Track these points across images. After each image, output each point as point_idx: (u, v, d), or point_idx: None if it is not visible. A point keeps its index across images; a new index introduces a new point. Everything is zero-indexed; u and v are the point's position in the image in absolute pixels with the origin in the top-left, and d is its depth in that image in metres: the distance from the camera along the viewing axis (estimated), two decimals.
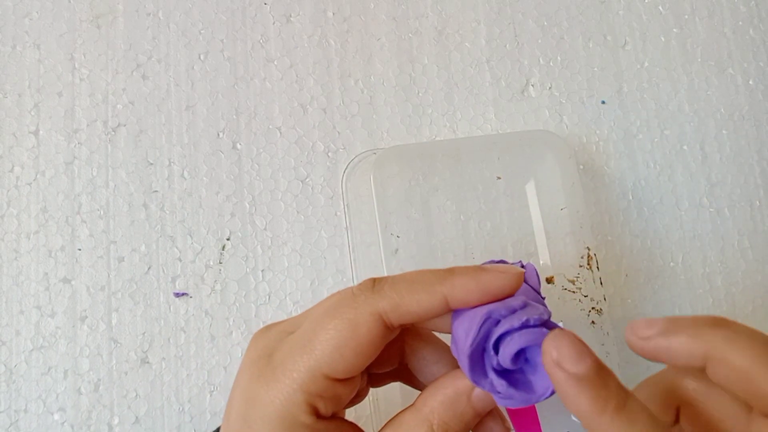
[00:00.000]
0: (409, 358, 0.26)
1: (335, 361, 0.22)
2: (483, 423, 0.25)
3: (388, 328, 0.23)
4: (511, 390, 0.22)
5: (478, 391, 0.23)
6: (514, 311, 0.22)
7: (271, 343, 0.24)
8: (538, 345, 0.21)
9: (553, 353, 0.20)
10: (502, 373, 0.22)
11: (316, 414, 0.22)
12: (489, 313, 0.22)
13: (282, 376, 0.22)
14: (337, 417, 0.24)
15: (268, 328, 0.26)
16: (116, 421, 0.37)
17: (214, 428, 0.37)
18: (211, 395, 0.37)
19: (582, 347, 0.20)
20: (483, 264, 0.30)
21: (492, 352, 0.22)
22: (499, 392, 0.22)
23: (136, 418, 0.37)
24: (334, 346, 0.22)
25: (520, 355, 0.22)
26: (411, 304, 0.22)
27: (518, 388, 0.22)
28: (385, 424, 0.24)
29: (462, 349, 0.22)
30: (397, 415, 0.24)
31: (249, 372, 0.23)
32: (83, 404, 0.37)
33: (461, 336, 0.22)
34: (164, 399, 0.37)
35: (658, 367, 0.25)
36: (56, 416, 0.37)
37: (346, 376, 0.23)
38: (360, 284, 0.23)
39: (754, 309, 0.41)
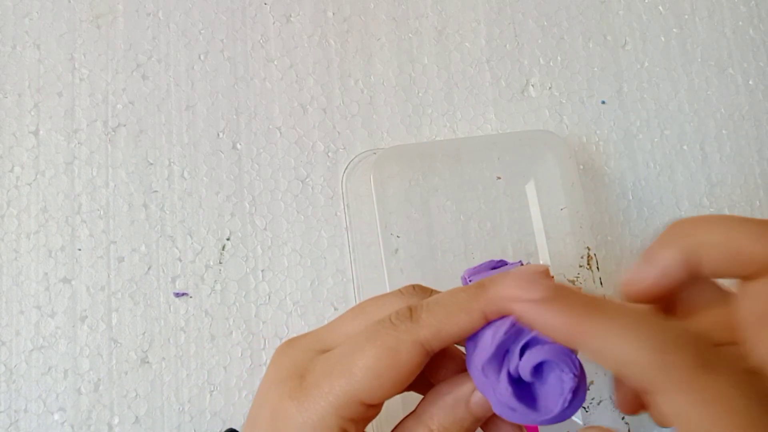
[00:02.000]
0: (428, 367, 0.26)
1: (374, 388, 0.22)
2: (497, 426, 0.25)
3: (428, 354, 0.22)
4: (515, 401, 0.21)
5: (477, 397, 0.23)
6: None
7: (301, 362, 0.24)
8: (558, 363, 0.21)
9: (511, 290, 0.21)
10: (514, 381, 0.22)
11: None
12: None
13: (317, 398, 0.22)
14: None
15: (291, 343, 0.25)
16: (116, 420, 0.37)
17: (218, 428, 0.37)
18: (211, 395, 0.37)
19: (536, 277, 0.21)
20: (482, 264, 0.30)
21: (516, 356, 0.21)
22: (503, 401, 0.22)
23: (136, 417, 0.37)
24: (375, 374, 0.22)
25: (538, 368, 0.21)
26: (452, 329, 0.22)
27: (524, 402, 0.22)
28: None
29: (483, 347, 0.22)
30: (399, 422, 0.24)
31: (279, 390, 0.23)
32: (83, 404, 0.37)
33: (487, 336, 0.22)
34: (164, 399, 0.37)
35: None
36: (56, 416, 0.37)
37: (381, 402, 0.23)
38: (397, 313, 0.23)
39: None
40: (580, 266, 0.38)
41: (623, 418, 0.36)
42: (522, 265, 0.30)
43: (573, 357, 0.21)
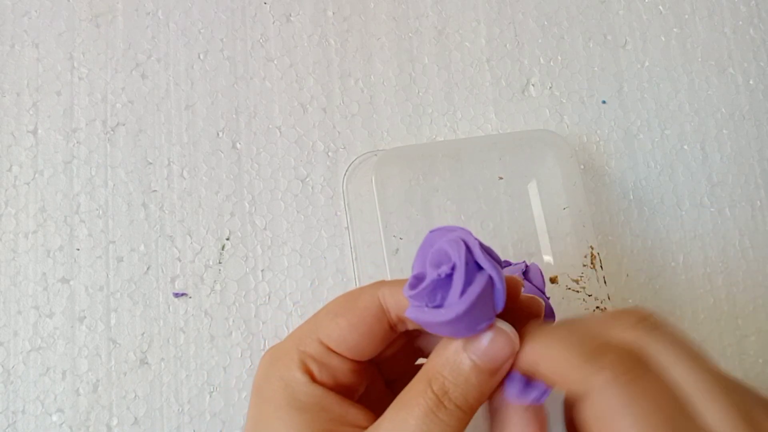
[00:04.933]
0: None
1: (331, 328, 0.23)
2: (504, 411, 0.23)
3: (387, 319, 0.23)
4: (409, 291, 0.21)
5: (474, 345, 0.22)
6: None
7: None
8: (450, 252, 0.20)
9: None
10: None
11: (311, 376, 0.23)
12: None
13: (285, 341, 0.24)
14: (341, 393, 0.24)
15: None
16: (115, 422, 0.36)
17: (218, 429, 0.37)
18: (210, 396, 0.37)
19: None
20: None
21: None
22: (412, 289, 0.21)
23: (135, 419, 0.36)
24: (333, 314, 0.23)
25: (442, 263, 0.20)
26: (405, 301, 0.23)
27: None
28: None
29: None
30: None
31: (263, 359, 0.25)
32: (82, 405, 0.36)
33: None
34: (163, 400, 0.37)
35: None
36: (54, 417, 0.36)
37: (341, 350, 0.23)
38: (383, 280, 0.25)
39: (755, 309, 0.41)
40: (584, 265, 0.38)
41: None
42: (526, 265, 0.30)
43: (462, 244, 0.20)
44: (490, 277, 0.20)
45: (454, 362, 0.22)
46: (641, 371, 0.19)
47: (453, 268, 0.20)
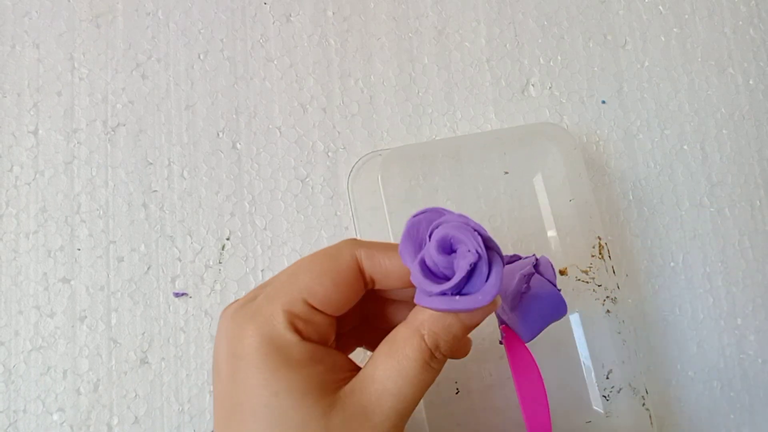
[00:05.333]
0: (377, 311, 0.29)
1: (315, 288, 0.24)
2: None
3: (360, 270, 0.25)
4: (422, 278, 0.22)
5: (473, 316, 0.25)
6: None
7: (249, 295, 0.26)
8: (462, 239, 0.21)
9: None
10: (430, 271, 0.23)
11: (300, 334, 0.24)
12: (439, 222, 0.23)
13: (264, 303, 0.24)
14: (325, 345, 0.25)
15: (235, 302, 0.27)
16: (115, 421, 0.37)
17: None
18: (210, 395, 0.37)
19: None
20: None
21: (427, 239, 0.23)
22: (418, 285, 0.22)
23: (136, 418, 0.37)
24: (316, 274, 0.24)
25: (449, 252, 0.22)
26: (383, 259, 0.25)
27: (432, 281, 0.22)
28: (382, 342, 0.26)
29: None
30: (393, 331, 0.26)
31: (233, 320, 0.25)
32: (82, 404, 0.37)
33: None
34: (164, 399, 0.37)
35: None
36: (55, 416, 0.36)
37: (324, 308, 0.25)
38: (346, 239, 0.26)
39: (755, 309, 0.41)
40: (592, 256, 0.38)
41: (644, 405, 0.36)
42: (536, 259, 0.30)
43: (476, 234, 0.22)
44: (501, 260, 0.22)
45: (446, 322, 0.24)
46: None
47: (478, 258, 0.21)
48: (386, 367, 0.24)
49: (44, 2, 0.42)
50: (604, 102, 0.43)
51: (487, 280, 0.22)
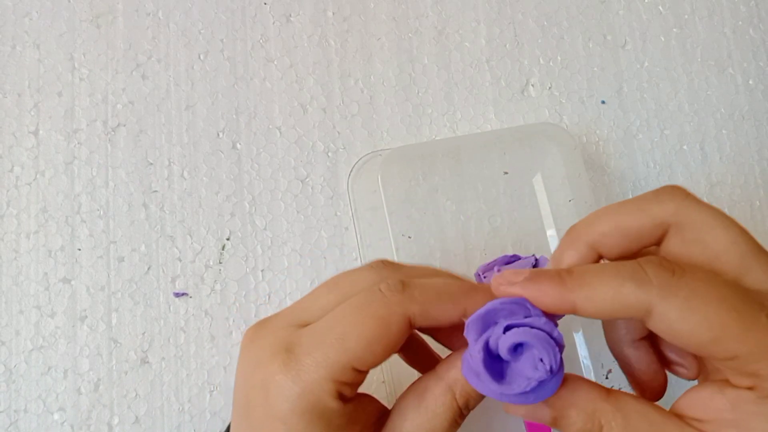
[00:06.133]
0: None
1: (366, 356, 0.23)
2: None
3: (412, 328, 0.24)
4: (481, 367, 0.22)
5: None
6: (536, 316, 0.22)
7: (283, 337, 0.24)
8: (540, 350, 0.21)
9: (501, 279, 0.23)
10: (489, 353, 0.22)
11: (342, 399, 0.23)
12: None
13: (311, 368, 0.23)
14: (356, 395, 0.25)
15: (264, 323, 0.26)
16: (116, 420, 0.37)
17: (218, 428, 0.37)
18: (210, 395, 0.37)
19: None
20: (495, 260, 0.30)
21: (500, 329, 0.22)
22: (472, 364, 0.22)
23: (136, 417, 0.37)
24: (367, 342, 0.23)
25: (517, 349, 0.22)
26: (438, 313, 0.24)
27: (490, 373, 0.22)
28: (408, 390, 0.25)
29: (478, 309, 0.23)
30: (418, 380, 0.25)
31: (268, 367, 0.23)
32: (83, 404, 0.37)
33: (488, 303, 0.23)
34: (164, 399, 0.37)
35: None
36: (56, 416, 0.37)
37: (369, 368, 0.24)
38: (389, 284, 0.24)
39: None
40: None
41: None
42: (536, 259, 0.30)
43: (556, 351, 0.22)
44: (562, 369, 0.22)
45: None
46: (680, 270, 0.21)
47: (550, 376, 0.21)
48: (415, 423, 0.24)
49: (45, 3, 0.42)
50: (603, 102, 0.43)
51: (547, 390, 0.22)
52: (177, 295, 0.38)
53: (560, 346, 0.22)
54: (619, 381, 0.36)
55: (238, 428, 0.25)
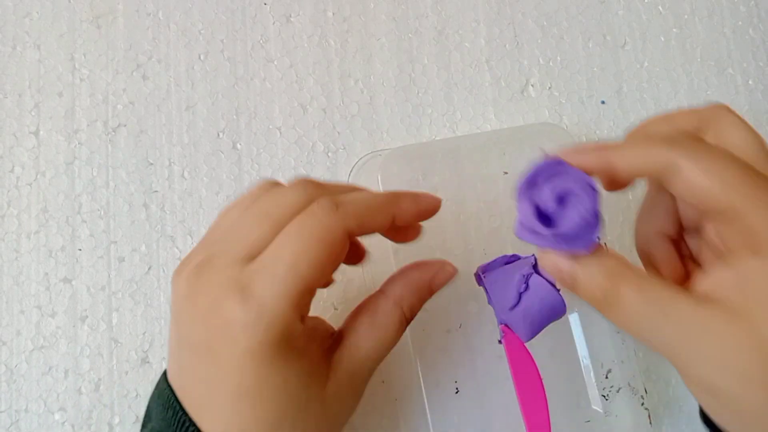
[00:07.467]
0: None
1: (318, 276, 0.25)
2: None
3: (350, 239, 0.26)
4: (534, 220, 0.24)
5: (438, 279, 0.29)
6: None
7: (234, 276, 0.24)
8: (580, 194, 0.24)
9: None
10: (539, 213, 0.25)
11: (303, 321, 0.26)
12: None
13: (273, 301, 0.24)
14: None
15: (202, 267, 0.25)
16: (117, 420, 0.37)
17: None
18: None
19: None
20: (495, 260, 0.31)
21: (543, 188, 0.25)
22: (525, 222, 0.24)
23: (137, 417, 0.37)
24: (318, 264, 0.24)
25: (562, 202, 0.24)
26: (372, 224, 0.26)
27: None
28: (358, 309, 0.29)
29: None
30: (367, 300, 0.29)
31: (229, 306, 0.24)
32: (84, 404, 0.37)
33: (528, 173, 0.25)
34: None
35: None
36: (57, 416, 0.37)
37: (321, 286, 0.27)
38: (322, 205, 0.25)
39: None
40: None
41: (643, 404, 0.36)
42: (535, 258, 0.30)
43: (596, 196, 0.24)
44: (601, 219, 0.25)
45: (421, 293, 0.29)
46: (707, 144, 0.24)
47: (595, 214, 0.24)
48: (369, 337, 0.28)
49: (45, 3, 0.42)
50: (603, 102, 0.44)
51: (592, 232, 0.24)
52: None
53: (598, 194, 0.24)
54: (618, 381, 0.36)
55: (197, 371, 0.25)
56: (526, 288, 0.29)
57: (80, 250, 0.39)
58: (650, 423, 0.36)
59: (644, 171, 0.24)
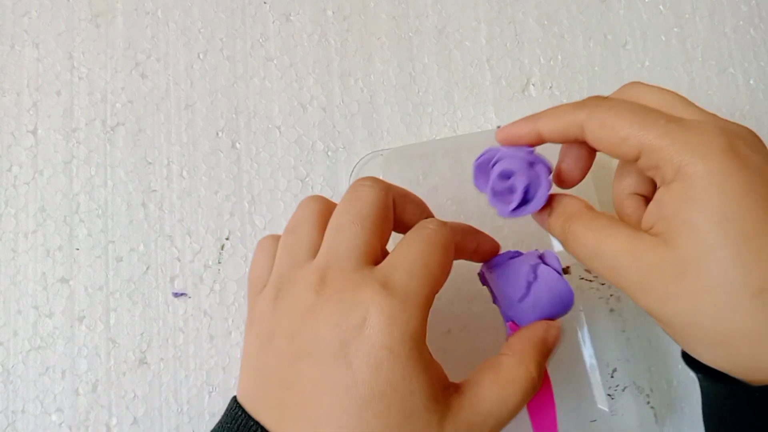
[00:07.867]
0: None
1: (442, 281, 0.26)
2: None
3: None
4: (492, 198, 0.29)
5: (553, 334, 0.29)
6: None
7: (369, 275, 0.25)
8: (517, 170, 0.28)
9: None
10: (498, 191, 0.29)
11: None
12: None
13: (412, 296, 0.25)
14: None
15: (325, 276, 0.26)
16: (114, 421, 0.36)
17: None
18: (209, 396, 0.37)
19: None
20: (499, 256, 0.31)
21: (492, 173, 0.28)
22: (491, 201, 0.29)
23: (134, 418, 0.36)
24: (444, 269, 0.26)
25: (508, 178, 0.28)
26: (467, 244, 0.30)
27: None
28: (481, 366, 0.28)
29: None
30: (493, 359, 0.28)
31: (371, 301, 0.24)
32: (81, 405, 0.36)
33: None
34: (162, 400, 0.37)
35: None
36: (54, 417, 0.36)
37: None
38: (428, 219, 0.29)
39: None
40: None
41: (648, 403, 0.36)
42: (539, 254, 0.30)
43: (534, 170, 0.28)
44: (549, 169, 0.29)
45: (545, 346, 0.28)
46: (608, 99, 0.27)
47: (528, 181, 0.28)
48: (493, 393, 0.26)
49: (44, 1, 0.42)
50: None
51: (539, 190, 0.28)
52: (176, 295, 0.38)
53: (544, 166, 0.28)
54: (624, 380, 0.36)
55: (318, 384, 0.24)
56: (535, 278, 0.29)
57: (78, 249, 0.38)
58: (656, 422, 0.36)
59: (562, 133, 0.27)
